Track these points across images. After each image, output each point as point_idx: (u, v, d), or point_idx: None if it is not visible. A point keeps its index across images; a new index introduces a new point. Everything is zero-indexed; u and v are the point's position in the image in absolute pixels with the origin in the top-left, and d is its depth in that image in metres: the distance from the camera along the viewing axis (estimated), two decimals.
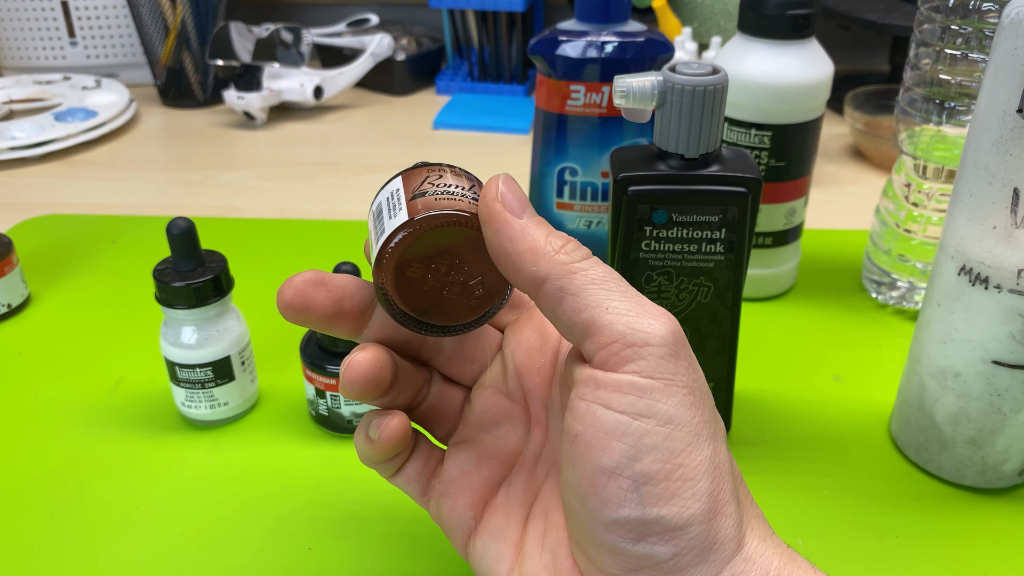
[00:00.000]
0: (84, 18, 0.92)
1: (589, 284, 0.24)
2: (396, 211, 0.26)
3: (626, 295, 0.24)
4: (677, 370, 0.24)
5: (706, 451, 0.24)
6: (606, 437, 0.24)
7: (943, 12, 0.46)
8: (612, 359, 0.24)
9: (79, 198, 0.71)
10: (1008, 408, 0.38)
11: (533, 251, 0.25)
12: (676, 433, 0.24)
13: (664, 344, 0.24)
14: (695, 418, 0.24)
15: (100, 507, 0.40)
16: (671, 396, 0.24)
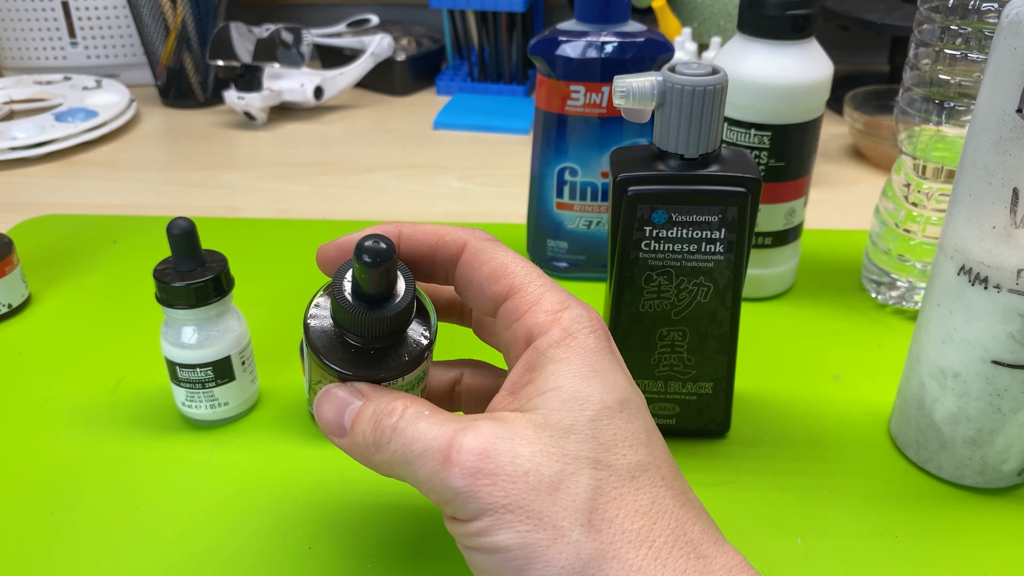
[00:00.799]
0: (85, 18, 0.93)
1: (411, 445, 0.27)
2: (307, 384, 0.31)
3: (425, 453, 0.26)
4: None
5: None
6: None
7: (942, 12, 0.46)
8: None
9: (79, 198, 0.71)
10: (1007, 408, 0.38)
11: (366, 444, 0.28)
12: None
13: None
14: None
15: (100, 507, 0.40)
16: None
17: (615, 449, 0.26)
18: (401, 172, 0.76)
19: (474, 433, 0.26)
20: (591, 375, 0.27)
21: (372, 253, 0.27)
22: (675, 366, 0.41)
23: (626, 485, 0.26)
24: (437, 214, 0.68)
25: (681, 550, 0.25)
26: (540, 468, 0.25)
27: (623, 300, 0.40)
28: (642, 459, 0.26)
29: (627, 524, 0.25)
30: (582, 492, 0.25)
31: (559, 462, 0.25)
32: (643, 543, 0.25)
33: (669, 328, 0.40)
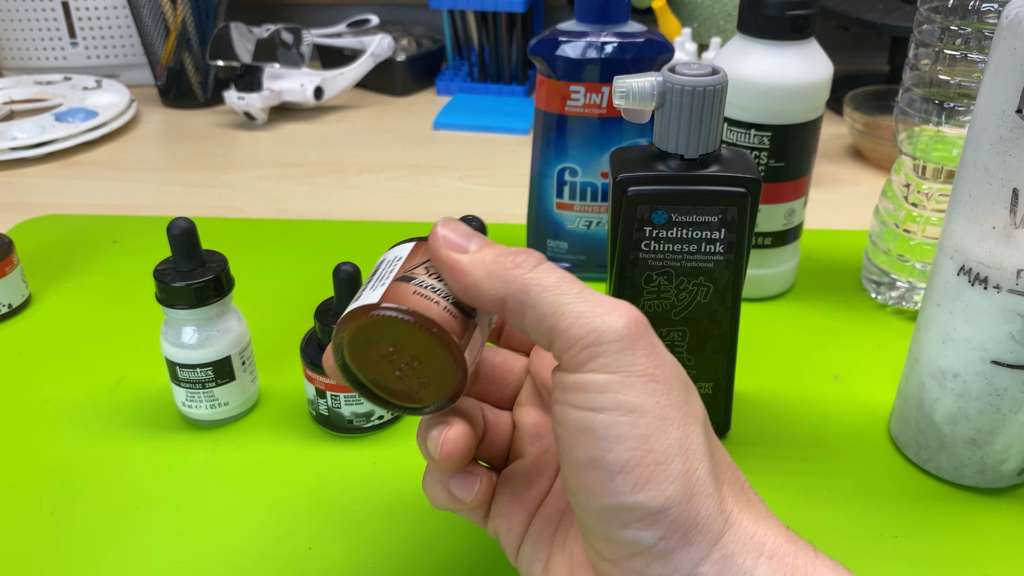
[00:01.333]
0: (85, 18, 0.93)
1: (544, 292, 0.26)
2: (381, 282, 0.27)
3: (581, 295, 0.26)
4: (635, 360, 0.25)
5: (674, 434, 0.25)
6: (577, 434, 0.25)
7: (942, 13, 0.46)
8: (574, 361, 0.25)
9: (80, 198, 0.71)
10: (1007, 408, 0.38)
11: (489, 276, 0.26)
12: (641, 420, 0.25)
13: (619, 338, 0.25)
14: (659, 403, 0.25)
15: (100, 507, 0.40)
16: (631, 387, 0.25)
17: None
18: (401, 172, 0.76)
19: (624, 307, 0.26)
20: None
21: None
22: None
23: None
24: (437, 214, 0.68)
25: (747, 492, 0.27)
26: (679, 373, 0.26)
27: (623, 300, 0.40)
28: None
29: (718, 450, 0.27)
30: (696, 407, 0.27)
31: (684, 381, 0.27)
32: (729, 467, 0.27)
33: (669, 328, 0.40)
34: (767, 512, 0.27)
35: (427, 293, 0.27)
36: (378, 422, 0.44)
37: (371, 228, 0.65)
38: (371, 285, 0.28)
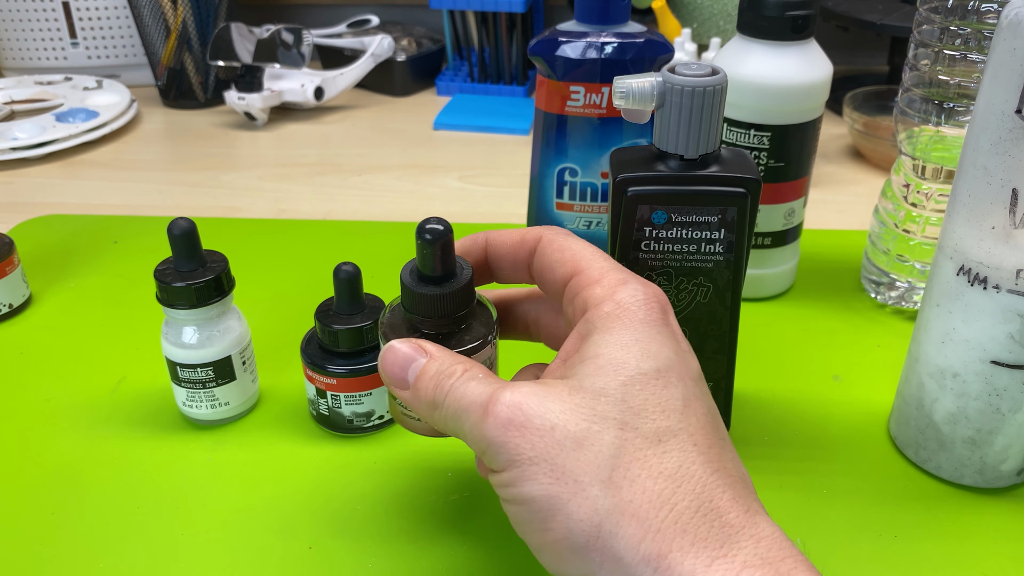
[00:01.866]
0: (85, 19, 0.93)
1: (459, 424, 0.29)
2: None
3: (482, 416, 0.28)
4: (513, 456, 0.27)
5: (568, 511, 0.26)
6: (509, 519, 0.29)
7: (942, 13, 0.46)
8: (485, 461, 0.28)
9: (80, 198, 0.71)
10: (1007, 408, 0.38)
11: (426, 410, 0.30)
12: (533, 507, 0.27)
13: (491, 443, 0.27)
14: (545, 488, 0.26)
15: (101, 507, 0.40)
16: (523, 479, 0.27)
17: (644, 414, 0.27)
18: (401, 172, 0.76)
19: (512, 390, 0.27)
20: (632, 344, 0.28)
21: (430, 232, 0.30)
22: None
23: (651, 448, 0.26)
24: (437, 214, 0.68)
25: (704, 517, 0.25)
26: (567, 424, 0.26)
27: None
28: (672, 425, 0.27)
29: (649, 484, 0.26)
30: (605, 450, 0.26)
31: (586, 420, 0.26)
32: (663, 506, 0.25)
33: None
34: (735, 544, 0.25)
35: (407, 412, 0.33)
36: (378, 422, 0.44)
37: (371, 228, 0.65)
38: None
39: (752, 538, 0.25)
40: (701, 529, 0.25)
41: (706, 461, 0.27)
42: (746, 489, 0.27)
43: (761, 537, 0.25)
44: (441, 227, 0.30)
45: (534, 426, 0.26)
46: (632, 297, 0.29)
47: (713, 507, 0.26)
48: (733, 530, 0.25)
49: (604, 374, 0.27)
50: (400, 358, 0.30)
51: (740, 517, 0.26)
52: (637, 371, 0.27)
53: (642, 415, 0.27)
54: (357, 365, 0.42)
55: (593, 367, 0.28)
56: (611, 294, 0.29)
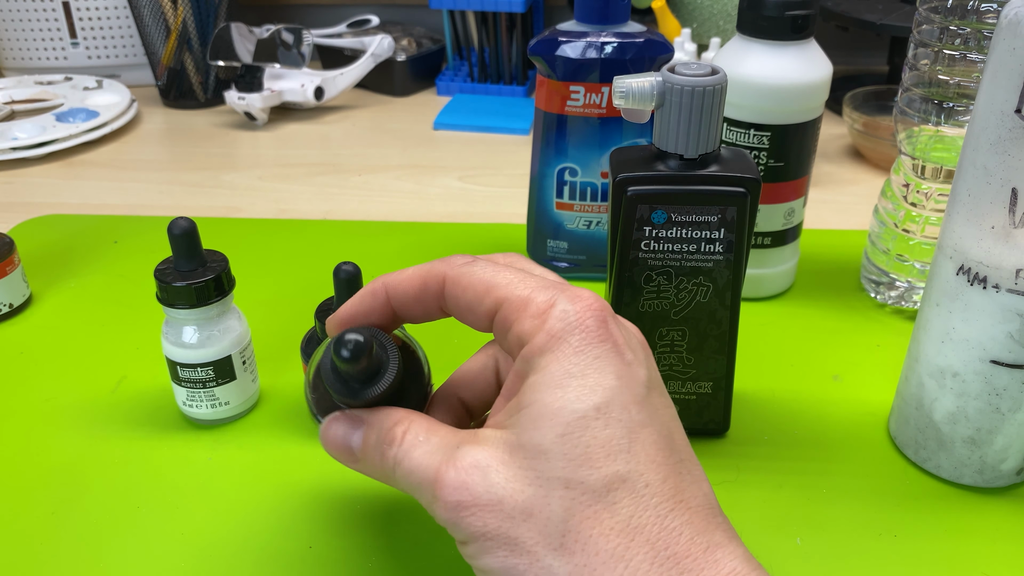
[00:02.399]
0: (86, 19, 0.93)
1: (401, 483, 0.29)
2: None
3: (413, 472, 0.28)
4: (447, 516, 0.27)
5: (514, 560, 0.26)
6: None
7: (942, 13, 0.46)
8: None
9: (80, 198, 0.71)
10: (1006, 407, 0.38)
11: (377, 474, 0.30)
12: (486, 557, 0.27)
13: (433, 500, 0.27)
14: (487, 532, 0.26)
15: (101, 507, 0.40)
16: (462, 527, 0.27)
17: (588, 463, 0.26)
18: (401, 172, 0.76)
19: (455, 467, 0.27)
20: (567, 381, 0.27)
21: (349, 348, 0.28)
22: (675, 366, 0.41)
23: (600, 502, 0.25)
24: (437, 214, 0.68)
25: (661, 567, 0.25)
26: (514, 495, 0.26)
27: (623, 300, 0.40)
28: (619, 469, 0.26)
29: (601, 544, 0.25)
30: (554, 515, 0.25)
31: (531, 486, 0.26)
32: (619, 562, 0.25)
33: (668, 328, 0.40)
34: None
35: None
36: None
37: (371, 228, 0.65)
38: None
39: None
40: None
41: (659, 502, 0.26)
42: (706, 519, 0.27)
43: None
44: (361, 338, 0.28)
45: (482, 503, 0.26)
46: (562, 322, 0.27)
47: (670, 554, 0.25)
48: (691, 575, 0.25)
49: (541, 426, 0.26)
50: (339, 438, 0.30)
51: (699, 559, 0.25)
52: (574, 415, 0.26)
53: (586, 465, 0.26)
54: None
55: (528, 418, 0.26)
56: (541, 324, 0.28)
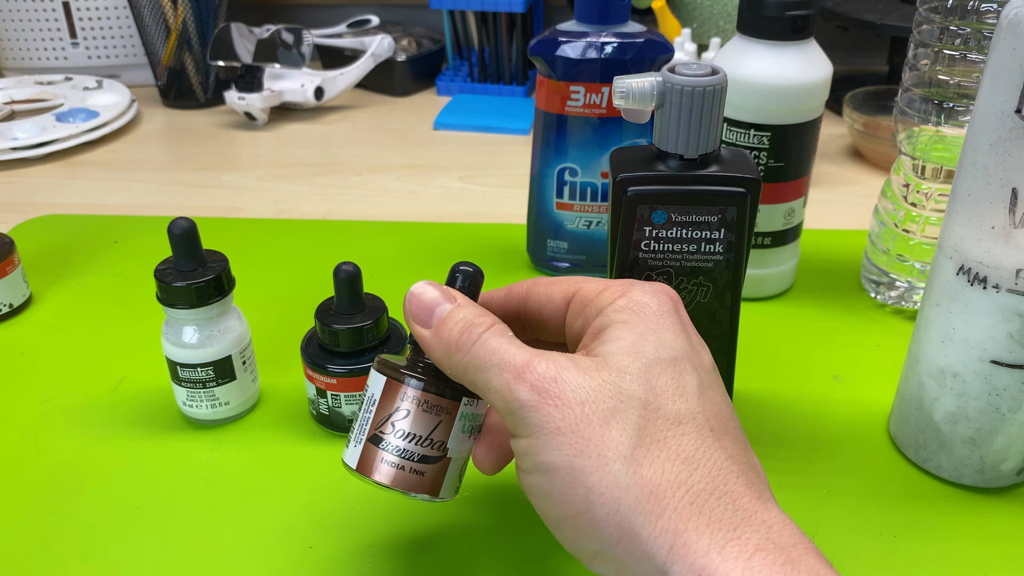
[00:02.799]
0: (86, 19, 0.93)
1: (477, 373, 0.29)
2: (363, 432, 0.32)
3: (500, 365, 0.28)
4: (542, 419, 0.28)
5: (588, 482, 0.27)
6: (526, 492, 0.29)
7: (942, 13, 0.46)
8: (508, 424, 0.29)
9: (80, 198, 0.71)
10: (1006, 407, 0.38)
11: (445, 355, 0.30)
12: (555, 477, 0.28)
13: (523, 404, 0.28)
14: (567, 456, 0.27)
15: (101, 506, 0.40)
16: (542, 447, 0.28)
17: (664, 396, 0.28)
18: (401, 172, 0.76)
19: (548, 360, 0.28)
20: (648, 334, 0.29)
21: (470, 264, 0.33)
22: None
23: (671, 430, 0.27)
24: (437, 214, 0.68)
25: (719, 500, 0.26)
26: (597, 401, 0.27)
27: None
28: (690, 408, 0.28)
29: (668, 466, 0.26)
30: (630, 428, 0.27)
31: (613, 399, 0.27)
32: (680, 486, 0.26)
33: None
34: (748, 527, 0.26)
35: (390, 459, 0.32)
36: None
37: (371, 228, 0.65)
38: (358, 427, 0.33)
39: (764, 523, 0.26)
40: (716, 511, 0.26)
41: (720, 447, 0.27)
42: (758, 478, 0.28)
43: (773, 523, 0.26)
44: (471, 269, 0.33)
45: (566, 399, 0.27)
46: (644, 294, 0.30)
47: (727, 491, 0.26)
48: (746, 514, 0.26)
49: (627, 355, 0.28)
50: (427, 299, 0.31)
51: (753, 503, 0.26)
52: (656, 357, 0.28)
53: (662, 397, 0.28)
54: (357, 365, 0.42)
55: (616, 348, 0.29)
56: (623, 293, 0.31)
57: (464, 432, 0.33)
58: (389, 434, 0.32)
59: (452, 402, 0.32)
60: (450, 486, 0.33)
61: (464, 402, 0.32)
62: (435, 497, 0.32)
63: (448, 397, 0.32)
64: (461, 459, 0.33)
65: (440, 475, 0.32)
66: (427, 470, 0.32)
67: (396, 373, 0.32)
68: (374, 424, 0.32)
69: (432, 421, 0.32)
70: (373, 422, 0.32)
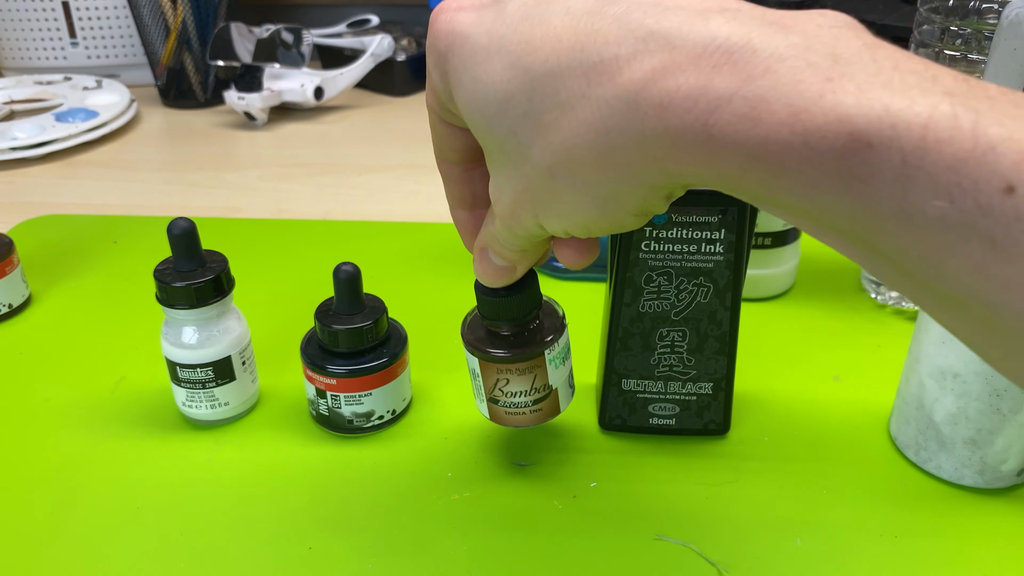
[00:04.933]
0: (85, 19, 0.93)
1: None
2: (481, 397, 0.39)
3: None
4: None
5: None
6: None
7: (942, 13, 0.46)
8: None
9: (80, 198, 0.71)
10: (1007, 408, 0.38)
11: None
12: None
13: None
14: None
15: (100, 507, 0.40)
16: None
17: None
18: (401, 172, 0.76)
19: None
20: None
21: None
22: (675, 366, 0.41)
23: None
24: (437, 214, 0.68)
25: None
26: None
27: (623, 300, 0.40)
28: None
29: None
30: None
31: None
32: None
33: (669, 328, 0.40)
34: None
35: (512, 411, 0.39)
36: (378, 422, 0.44)
37: (371, 228, 0.65)
38: (476, 389, 0.39)
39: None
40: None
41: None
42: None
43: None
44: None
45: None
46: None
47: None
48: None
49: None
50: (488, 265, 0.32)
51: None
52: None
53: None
54: (357, 365, 0.42)
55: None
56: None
57: (558, 367, 0.38)
58: (501, 396, 0.38)
59: (537, 358, 0.37)
60: (565, 400, 0.39)
61: (547, 351, 0.37)
62: (557, 414, 0.39)
63: (533, 357, 0.37)
64: (565, 379, 0.39)
65: (554, 402, 0.39)
66: (543, 406, 0.39)
67: (485, 354, 0.37)
68: (487, 390, 0.39)
69: (529, 377, 0.38)
70: (485, 389, 0.39)
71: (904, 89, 0.18)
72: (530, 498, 0.40)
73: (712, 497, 0.40)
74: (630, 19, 0.21)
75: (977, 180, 0.17)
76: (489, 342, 0.37)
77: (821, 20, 0.21)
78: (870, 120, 0.18)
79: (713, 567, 0.36)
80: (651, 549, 0.37)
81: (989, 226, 0.18)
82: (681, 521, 0.39)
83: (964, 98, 0.18)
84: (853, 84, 0.19)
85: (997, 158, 0.17)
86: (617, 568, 0.36)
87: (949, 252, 0.18)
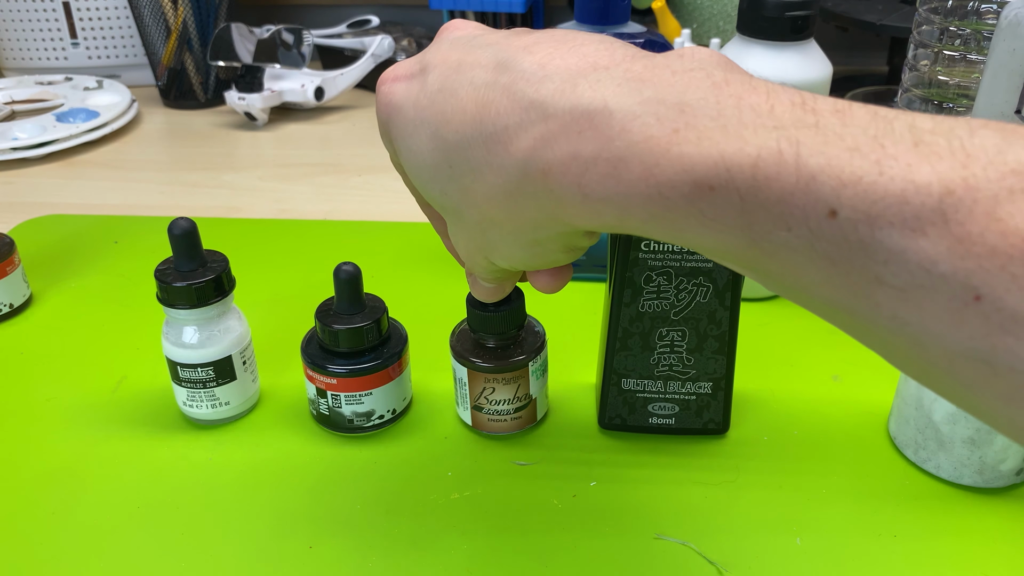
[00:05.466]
0: (86, 19, 0.93)
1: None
2: (466, 405, 0.43)
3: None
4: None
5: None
6: None
7: (942, 13, 0.46)
8: None
9: (81, 198, 0.71)
10: None
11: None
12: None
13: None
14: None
15: (101, 507, 0.40)
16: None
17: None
18: None
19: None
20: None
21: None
22: (674, 366, 0.41)
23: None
24: None
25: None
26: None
27: (623, 300, 0.40)
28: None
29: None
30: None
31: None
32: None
33: (668, 328, 0.40)
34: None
35: (494, 418, 0.43)
36: (378, 422, 0.44)
37: (371, 228, 0.65)
38: (460, 396, 0.43)
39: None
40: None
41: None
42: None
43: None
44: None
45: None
46: None
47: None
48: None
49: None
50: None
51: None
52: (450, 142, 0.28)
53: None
54: (357, 365, 0.42)
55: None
56: None
57: (538, 378, 0.42)
58: (486, 404, 0.42)
59: (522, 368, 0.41)
60: (541, 409, 0.44)
61: (531, 363, 0.41)
62: (533, 423, 0.44)
63: (518, 367, 0.41)
64: (542, 390, 0.43)
65: (532, 411, 0.43)
66: (523, 414, 0.43)
67: (472, 364, 0.41)
68: (472, 398, 0.42)
69: (512, 386, 0.42)
70: (471, 397, 0.42)
71: (740, 130, 0.21)
72: (530, 497, 0.40)
73: (712, 496, 0.40)
74: (516, 89, 0.24)
75: (804, 208, 0.20)
76: (477, 353, 0.41)
77: (677, 65, 0.23)
78: (708, 167, 0.21)
79: (712, 566, 0.37)
80: (651, 548, 0.37)
81: (824, 247, 0.20)
82: (681, 520, 0.39)
83: (793, 129, 0.20)
84: (694, 133, 0.21)
85: (818, 187, 0.19)
86: (617, 567, 0.36)
87: (803, 270, 0.21)
